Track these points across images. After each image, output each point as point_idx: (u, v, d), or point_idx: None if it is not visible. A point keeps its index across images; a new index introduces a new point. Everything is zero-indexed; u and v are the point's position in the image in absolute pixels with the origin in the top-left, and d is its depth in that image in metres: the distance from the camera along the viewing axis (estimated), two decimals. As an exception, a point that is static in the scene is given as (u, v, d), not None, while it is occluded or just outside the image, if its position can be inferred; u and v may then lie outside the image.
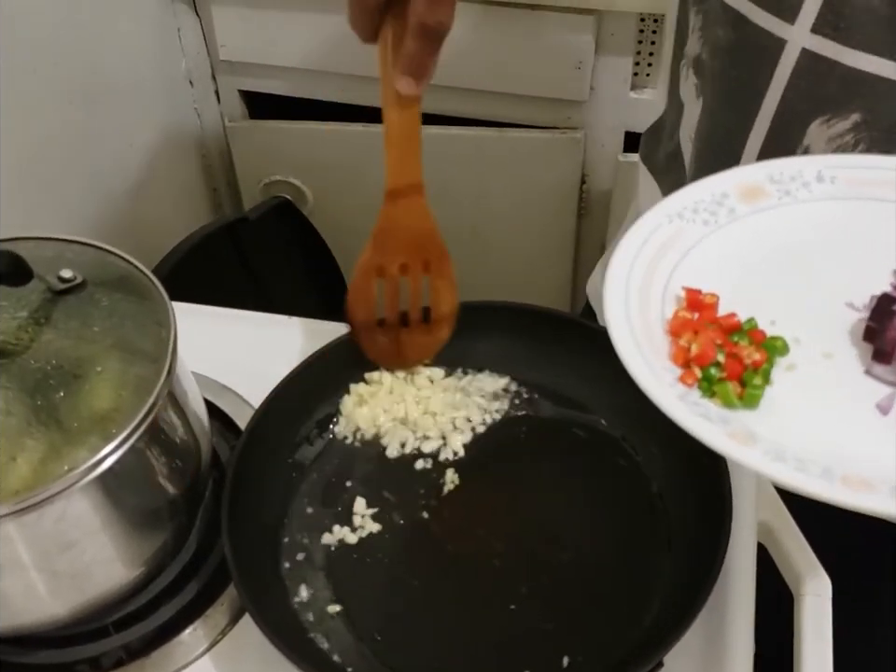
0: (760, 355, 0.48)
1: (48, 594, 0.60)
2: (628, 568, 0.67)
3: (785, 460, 0.43)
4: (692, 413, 0.44)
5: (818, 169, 0.56)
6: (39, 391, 0.58)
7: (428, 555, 0.68)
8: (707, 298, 0.50)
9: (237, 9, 1.40)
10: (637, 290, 0.50)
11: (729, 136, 0.70)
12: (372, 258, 0.72)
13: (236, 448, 0.68)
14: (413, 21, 0.60)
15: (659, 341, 0.48)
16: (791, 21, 0.62)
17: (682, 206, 0.54)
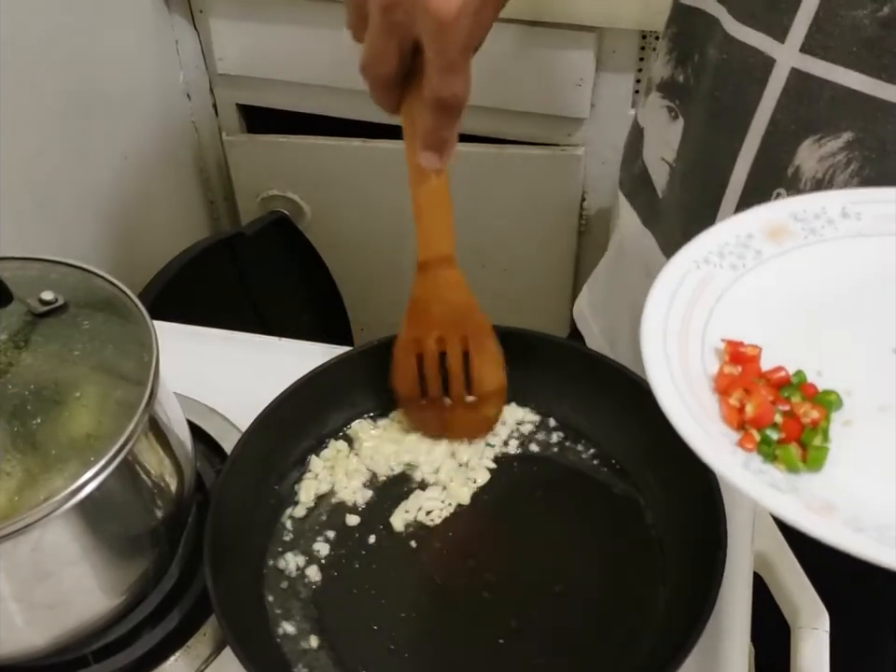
0: (817, 412, 0.45)
1: (25, 624, 0.59)
2: (621, 601, 0.65)
3: (864, 530, 0.40)
4: (761, 484, 0.42)
5: (842, 205, 0.54)
6: (17, 417, 0.57)
7: (416, 587, 0.66)
8: (749, 350, 0.48)
9: (235, 23, 1.39)
10: (675, 347, 0.48)
11: (716, 158, 0.70)
12: (408, 331, 0.71)
13: (220, 475, 0.67)
14: (429, 95, 0.59)
15: (707, 400, 0.46)
16: (780, 39, 0.62)
17: (708, 251, 0.52)
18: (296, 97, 1.46)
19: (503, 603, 0.65)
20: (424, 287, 0.70)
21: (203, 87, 1.49)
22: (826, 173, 0.64)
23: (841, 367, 0.48)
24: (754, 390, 0.46)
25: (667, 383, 0.45)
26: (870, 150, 0.62)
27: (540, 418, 0.75)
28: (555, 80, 1.30)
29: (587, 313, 1.00)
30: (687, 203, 0.75)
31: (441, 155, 0.63)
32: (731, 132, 0.67)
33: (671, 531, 0.68)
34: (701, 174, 0.73)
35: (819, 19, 0.60)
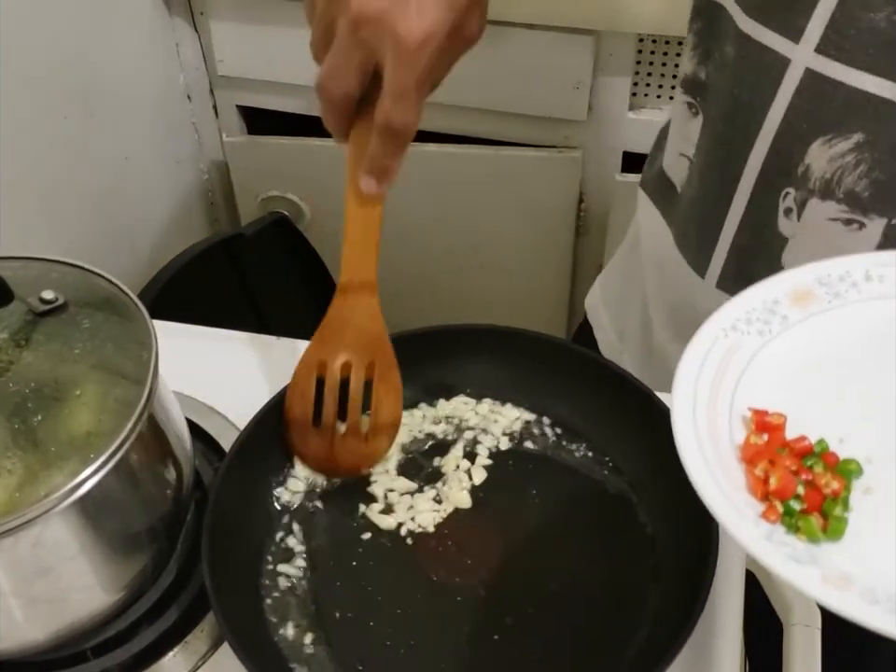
0: (838, 483, 0.46)
1: (24, 619, 0.59)
2: (615, 599, 0.66)
3: (879, 602, 0.41)
4: (783, 557, 0.43)
5: (866, 268, 0.55)
6: (17, 414, 0.58)
7: (413, 584, 0.67)
8: (774, 419, 0.49)
9: (236, 25, 1.40)
10: (704, 416, 0.49)
11: (730, 154, 0.70)
12: (315, 351, 0.71)
13: (218, 473, 0.67)
14: (379, 120, 0.60)
15: (733, 469, 0.47)
16: (795, 40, 0.62)
17: (735, 318, 0.53)
18: (296, 99, 1.47)
19: (498, 600, 0.66)
20: (341, 308, 0.71)
21: (203, 88, 1.50)
22: (835, 173, 0.64)
23: (862, 433, 0.49)
24: (778, 461, 0.47)
25: (696, 452, 0.46)
26: (880, 153, 0.62)
27: (535, 417, 0.76)
28: (553, 83, 1.31)
29: (599, 305, 1.00)
30: (701, 199, 0.76)
31: (381, 182, 0.64)
32: (745, 129, 0.68)
33: (664, 529, 0.68)
34: (715, 170, 0.73)
35: (835, 20, 0.60)
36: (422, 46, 0.57)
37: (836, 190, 0.65)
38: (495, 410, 0.77)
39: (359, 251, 0.68)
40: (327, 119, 0.65)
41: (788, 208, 0.68)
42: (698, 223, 0.77)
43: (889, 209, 0.64)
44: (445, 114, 1.40)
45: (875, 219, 0.65)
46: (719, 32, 0.69)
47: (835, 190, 0.65)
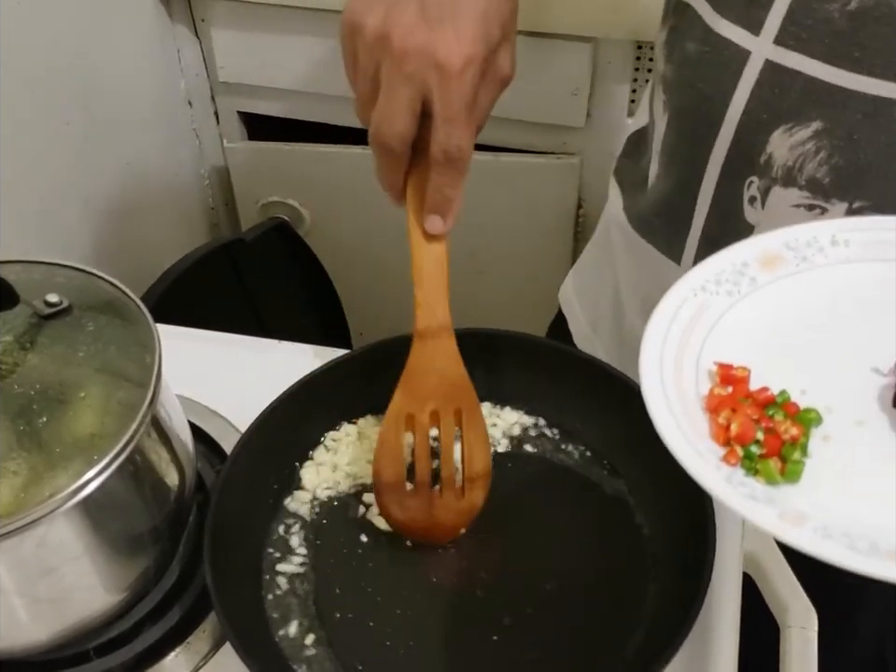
0: (796, 429, 0.48)
1: (28, 619, 0.60)
2: (612, 599, 0.66)
3: (833, 537, 0.43)
4: (741, 497, 0.45)
5: (832, 233, 0.57)
6: (22, 416, 0.58)
7: (412, 585, 0.68)
8: (738, 372, 0.51)
9: (237, 31, 1.41)
10: (671, 369, 0.50)
11: (694, 147, 0.72)
12: (402, 403, 0.69)
13: (220, 475, 0.68)
14: (435, 150, 0.63)
15: (698, 418, 0.49)
16: (755, 32, 0.65)
17: (705, 279, 0.55)
18: (297, 105, 1.47)
19: (497, 600, 0.66)
20: (422, 356, 0.68)
21: (204, 94, 1.50)
22: (797, 161, 0.66)
23: (824, 386, 0.51)
24: (740, 409, 0.49)
25: (661, 403, 0.48)
26: (838, 139, 0.64)
27: (533, 419, 0.77)
28: (551, 90, 1.32)
29: (572, 297, 1.02)
30: (670, 191, 0.78)
31: (446, 218, 0.66)
32: (708, 122, 0.70)
33: (661, 531, 0.69)
34: (681, 163, 0.75)
35: (792, 11, 0.62)
36: (464, 68, 0.60)
37: (798, 178, 0.67)
38: (493, 413, 0.77)
39: (433, 294, 0.68)
40: (384, 173, 0.67)
41: (752, 197, 0.70)
42: (669, 214, 0.79)
43: (850, 194, 0.66)
44: (445, 120, 1.41)
45: (837, 204, 0.67)
46: (686, 29, 0.71)
47: (797, 178, 0.67)
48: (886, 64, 0.61)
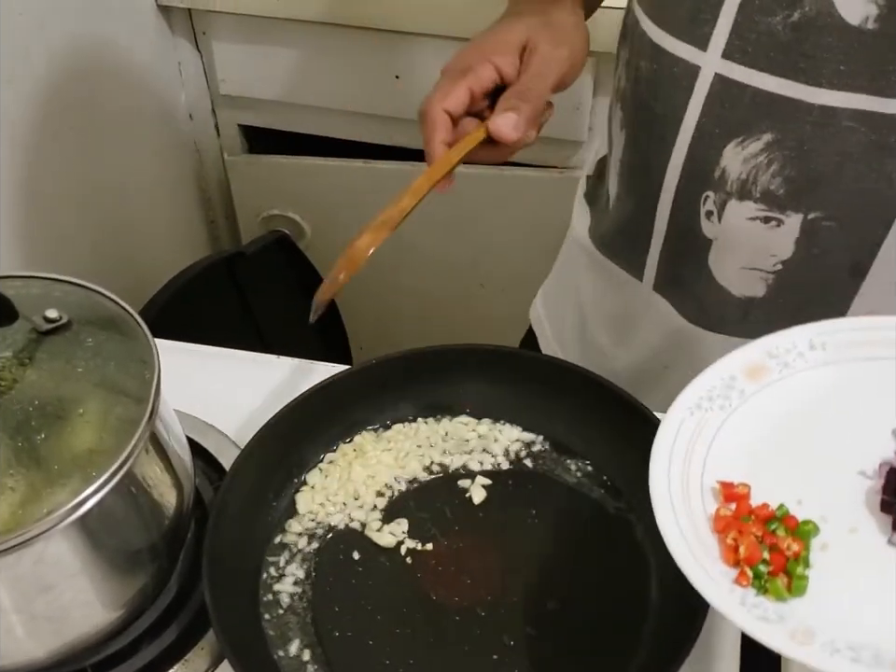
0: (797, 545, 0.52)
1: (26, 636, 0.60)
2: (614, 618, 0.66)
3: (839, 651, 0.47)
4: (755, 619, 0.48)
5: (809, 338, 0.60)
6: (21, 432, 0.58)
7: (412, 603, 0.67)
8: (739, 489, 0.54)
9: (238, 45, 1.41)
10: (678, 491, 0.54)
11: (650, 164, 0.73)
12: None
13: (219, 491, 0.68)
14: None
15: (708, 540, 0.52)
16: (703, 48, 0.66)
17: (699, 397, 0.58)
18: (297, 118, 1.47)
19: (497, 619, 0.66)
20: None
21: (205, 108, 1.51)
22: (750, 174, 0.67)
23: (817, 494, 0.55)
24: (745, 530, 0.52)
25: (675, 531, 0.52)
26: (789, 150, 0.65)
27: (534, 436, 0.76)
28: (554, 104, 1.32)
29: (542, 315, 1.03)
30: (627, 210, 0.79)
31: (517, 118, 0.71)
32: (662, 139, 0.71)
33: (662, 548, 0.68)
34: (639, 180, 0.77)
35: (737, 26, 0.63)
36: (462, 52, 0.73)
37: (753, 190, 0.68)
38: (494, 429, 0.77)
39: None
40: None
41: (709, 211, 0.71)
42: (629, 231, 0.80)
43: (804, 205, 0.67)
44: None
45: (792, 215, 0.68)
46: (638, 48, 0.72)
47: (752, 190, 0.68)
48: (832, 74, 0.61)
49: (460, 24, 1.27)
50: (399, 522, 0.72)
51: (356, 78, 1.39)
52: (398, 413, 0.78)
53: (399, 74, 1.37)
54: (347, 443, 0.76)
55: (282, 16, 1.33)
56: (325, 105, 1.43)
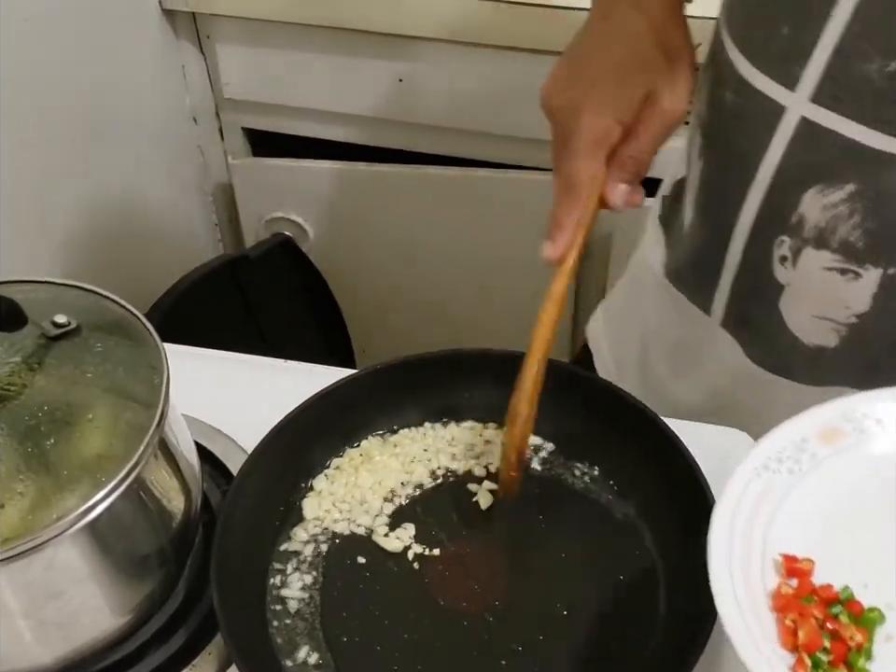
0: (861, 635, 0.49)
1: (34, 641, 0.60)
2: (621, 624, 0.66)
3: None
4: None
5: (889, 403, 0.57)
6: (30, 437, 0.58)
7: (420, 609, 0.67)
8: (803, 564, 0.52)
9: (242, 48, 1.41)
10: (739, 560, 0.51)
11: (726, 198, 0.71)
12: None
13: (227, 496, 0.68)
14: (558, 176, 0.69)
15: (765, 617, 0.50)
16: (791, 88, 0.63)
17: (767, 457, 0.55)
18: (301, 121, 1.48)
19: (506, 625, 0.66)
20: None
21: (209, 111, 1.51)
22: (829, 223, 0.64)
23: (885, 579, 0.51)
24: (806, 613, 0.49)
25: (730, 597, 0.49)
26: (872, 202, 0.62)
27: (541, 441, 0.76)
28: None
29: (600, 333, 1.00)
30: (699, 242, 0.77)
31: (554, 240, 0.69)
32: (741, 175, 0.68)
33: (670, 554, 0.68)
34: (713, 214, 0.74)
35: (830, 69, 0.61)
36: (590, 114, 0.67)
37: (830, 240, 0.65)
38: (501, 434, 0.77)
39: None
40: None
41: (783, 256, 0.68)
42: (699, 264, 0.77)
43: (884, 259, 0.65)
44: (449, 137, 1.41)
45: (871, 269, 0.65)
46: (723, 77, 0.70)
47: (829, 240, 0.65)
48: None
49: (463, 28, 1.27)
50: (406, 527, 0.72)
51: (359, 82, 1.39)
52: (404, 418, 0.78)
53: (403, 77, 1.37)
54: (354, 448, 0.76)
55: (286, 20, 1.33)
56: (328, 109, 1.43)
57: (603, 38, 0.71)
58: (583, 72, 0.69)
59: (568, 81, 0.70)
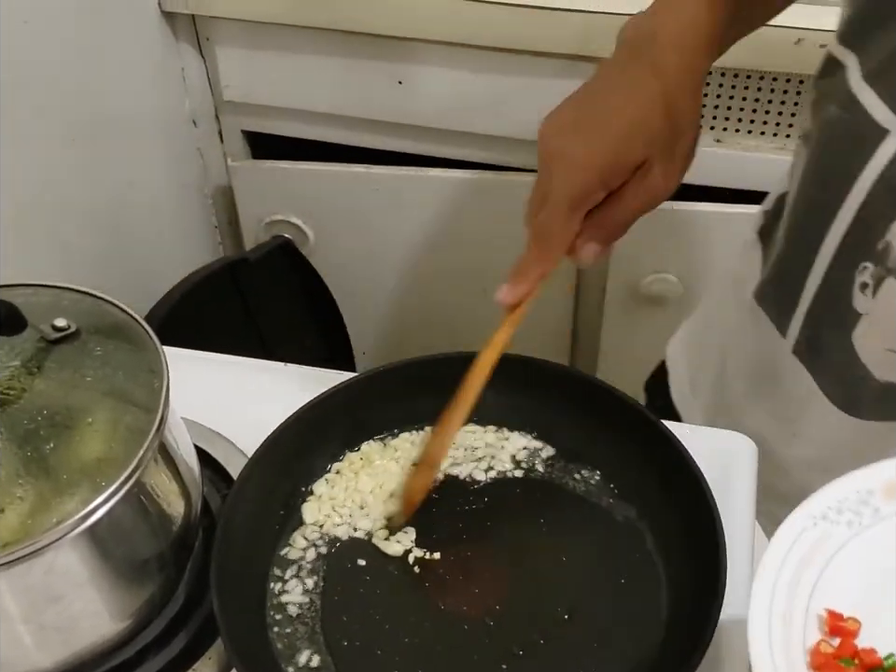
0: None
1: (33, 646, 0.60)
2: (623, 627, 0.66)
3: None
4: None
5: None
6: (29, 442, 0.58)
7: (420, 613, 0.67)
8: (849, 624, 0.50)
9: (241, 51, 1.41)
10: (780, 609, 0.50)
11: (816, 220, 0.68)
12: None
13: (227, 500, 0.68)
14: (532, 225, 0.70)
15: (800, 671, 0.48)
16: None
17: (827, 506, 0.53)
18: (300, 124, 1.47)
19: (506, 629, 0.66)
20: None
21: (208, 114, 1.51)
22: None
23: None
24: None
25: (765, 646, 0.48)
26: None
27: (542, 444, 0.76)
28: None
29: (678, 352, 0.97)
30: (784, 260, 0.75)
31: (512, 287, 0.70)
32: (833, 196, 0.66)
33: (672, 557, 0.68)
34: (801, 231, 0.72)
35: None
36: (582, 169, 0.64)
37: None
38: (501, 437, 0.77)
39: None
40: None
41: (864, 283, 0.66)
42: (782, 284, 0.75)
43: None
44: (448, 139, 1.41)
45: None
46: (832, 89, 0.67)
47: None
48: None
49: (462, 31, 1.27)
50: (406, 531, 0.71)
51: (359, 84, 1.39)
52: (404, 422, 0.78)
53: (402, 80, 1.37)
54: (354, 452, 0.76)
55: (286, 22, 1.33)
56: (328, 111, 1.43)
57: (616, 94, 0.68)
58: (588, 123, 0.67)
59: (572, 127, 0.67)
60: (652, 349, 1.51)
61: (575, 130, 0.66)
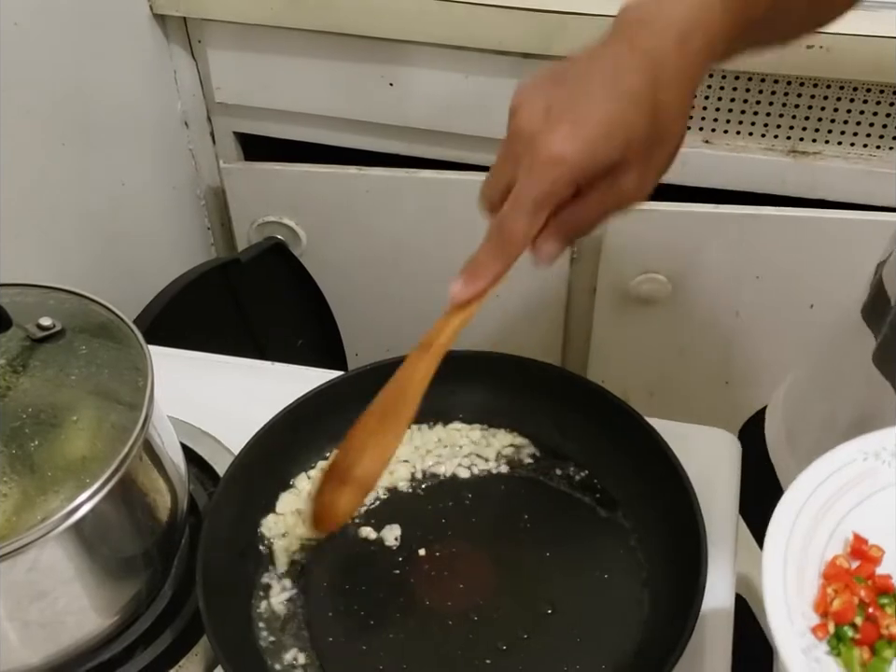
0: None
1: (19, 642, 0.60)
2: (606, 622, 0.66)
3: None
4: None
5: None
6: (14, 439, 0.58)
7: (405, 609, 0.67)
8: (872, 550, 0.49)
9: (233, 52, 1.41)
10: (809, 515, 0.50)
11: None
12: None
13: (213, 497, 0.68)
14: (494, 221, 0.62)
15: (810, 579, 0.48)
16: None
17: (882, 446, 0.53)
18: (292, 126, 1.48)
19: (491, 624, 0.66)
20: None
21: (200, 115, 1.51)
22: None
23: None
24: (852, 587, 0.47)
25: (781, 547, 0.48)
26: None
27: (527, 442, 0.77)
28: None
29: (779, 404, 0.90)
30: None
31: (467, 283, 0.64)
32: None
33: (654, 554, 0.69)
34: None
35: None
36: (553, 164, 0.56)
37: None
38: (487, 435, 0.77)
39: (432, 334, 0.68)
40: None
41: None
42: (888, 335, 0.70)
43: None
44: (441, 141, 1.41)
45: None
46: None
47: None
48: None
49: (454, 32, 1.28)
50: (391, 528, 0.72)
51: (350, 86, 1.39)
52: (391, 420, 0.78)
53: (394, 82, 1.37)
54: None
55: (277, 24, 1.34)
56: (320, 113, 1.43)
57: (598, 82, 0.58)
58: (565, 111, 0.58)
59: (546, 112, 0.58)
60: (642, 348, 1.52)
61: (549, 116, 0.57)
